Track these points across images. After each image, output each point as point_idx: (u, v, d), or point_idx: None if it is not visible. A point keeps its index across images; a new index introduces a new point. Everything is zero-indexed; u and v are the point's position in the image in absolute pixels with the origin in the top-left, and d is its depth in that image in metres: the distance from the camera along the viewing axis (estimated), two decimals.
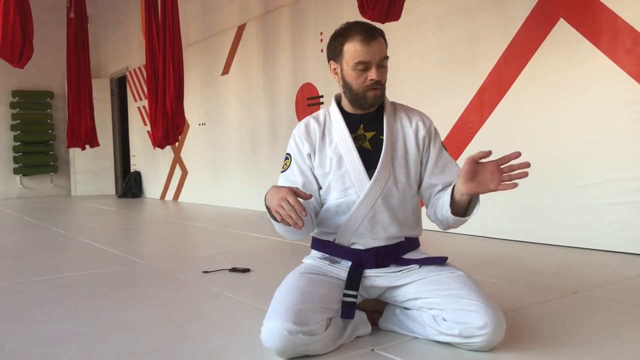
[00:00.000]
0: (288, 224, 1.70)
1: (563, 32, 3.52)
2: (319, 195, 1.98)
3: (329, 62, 1.98)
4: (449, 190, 1.86)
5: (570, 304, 2.31)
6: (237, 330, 2.05)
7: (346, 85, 1.93)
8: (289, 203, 1.67)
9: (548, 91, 3.64)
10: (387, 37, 1.94)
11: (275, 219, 1.78)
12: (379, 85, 1.89)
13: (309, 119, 2.03)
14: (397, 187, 1.92)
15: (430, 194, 1.98)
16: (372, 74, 1.86)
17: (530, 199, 3.77)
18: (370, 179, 1.88)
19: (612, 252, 3.31)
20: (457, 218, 1.85)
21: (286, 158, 2.01)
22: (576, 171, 3.50)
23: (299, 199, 1.71)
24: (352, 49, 1.86)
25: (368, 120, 1.97)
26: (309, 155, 1.96)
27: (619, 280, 2.69)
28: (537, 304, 2.29)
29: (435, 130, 2.02)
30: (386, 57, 1.90)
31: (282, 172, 2.01)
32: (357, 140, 1.94)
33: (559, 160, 3.59)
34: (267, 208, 1.79)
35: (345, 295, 1.84)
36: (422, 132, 1.97)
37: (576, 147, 3.50)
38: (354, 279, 1.87)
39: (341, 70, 1.93)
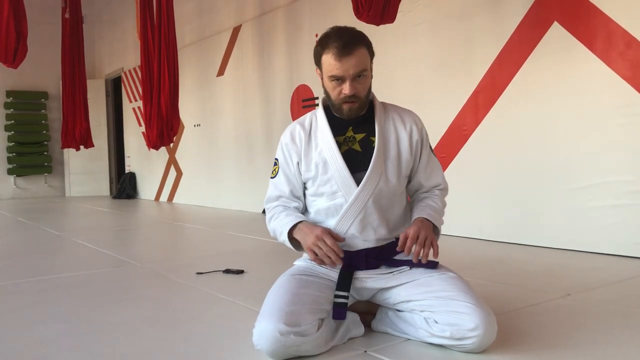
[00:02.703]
0: (323, 263, 1.82)
1: (557, 35, 3.53)
2: (304, 199, 2.03)
3: (315, 65, 1.98)
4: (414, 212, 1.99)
5: (563, 306, 2.31)
6: (230, 332, 2.05)
7: (326, 93, 1.96)
8: (326, 244, 1.80)
9: (542, 94, 3.65)
10: (381, 38, 1.95)
11: (296, 248, 1.92)
12: (355, 99, 1.88)
13: (295, 125, 2.04)
14: (388, 187, 1.93)
15: (416, 191, 2.08)
16: (346, 89, 1.85)
17: (523, 202, 3.78)
18: (355, 181, 1.88)
19: (605, 255, 3.32)
20: None
21: (275, 164, 2.04)
22: (569, 174, 3.51)
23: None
24: (327, 62, 1.86)
25: (357, 122, 1.96)
26: (298, 163, 1.97)
27: (612, 283, 2.70)
28: (529, 306, 2.29)
29: (426, 133, 2.04)
30: (365, 69, 1.86)
31: (271, 177, 2.05)
32: (346, 142, 1.94)
33: (553, 162, 3.60)
34: (291, 239, 1.91)
35: (336, 296, 1.85)
36: (416, 136, 1.98)
37: (570, 150, 3.51)
38: (344, 280, 1.88)
39: (322, 78, 1.94)
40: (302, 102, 5.76)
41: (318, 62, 1.92)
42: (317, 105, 5.51)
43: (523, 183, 3.79)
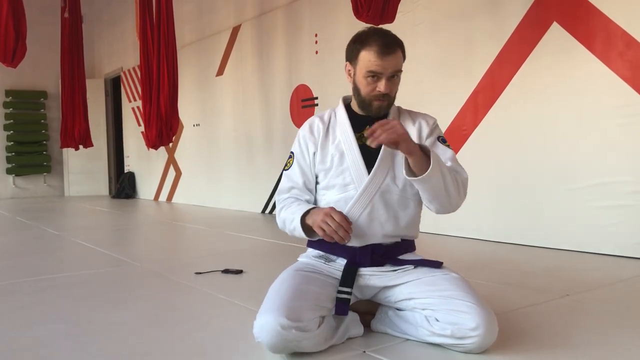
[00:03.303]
0: (332, 239, 1.78)
1: (556, 35, 3.53)
2: (315, 192, 2.03)
3: (345, 61, 2.00)
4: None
5: (562, 306, 2.31)
6: (228, 332, 2.05)
7: (356, 89, 1.98)
8: (335, 220, 1.77)
9: (541, 94, 3.65)
10: None
11: (308, 234, 1.88)
12: (386, 97, 1.93)
13: (314, 119, 2.08)
14: (397, 183, 1.93)
15: None
16: (381, 86, 1.89)
17: (523, 202, 3.78)
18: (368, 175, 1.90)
19: (604, 255, 3.32)
20: (410, 178, 1.81)
21: (290, 156, 2.08)
22: (569, 174, 3.51)
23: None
24: (367, 58, 1.89)
25: (374, 121, 1.97)
26: (314, 153, 2.00)
27: (611, 283, 2.70)
28: (529, 307, 2.29)
29: (437, 126, 2.05)
30: (400, 70, 1.92)
31: (285, 169, 2.07)
32: (360, 138, 1.97)
33: (552, 163, 3.60)
34: (303, 225, 1.87)
35: (339, 292, 1.85)
36: (425, 131, 2.00)
37: (569, 151, 3.52)
38: (348, 276, 1.88)
39: (354, 74, 1.96)
40: (301, 102, 5.75)
41: (354, 58, 1.94)
42: (317, 105, 5.53)
43: (522, 183, 3.79)
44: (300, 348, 1.69)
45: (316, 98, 5.54)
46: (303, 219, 1.88)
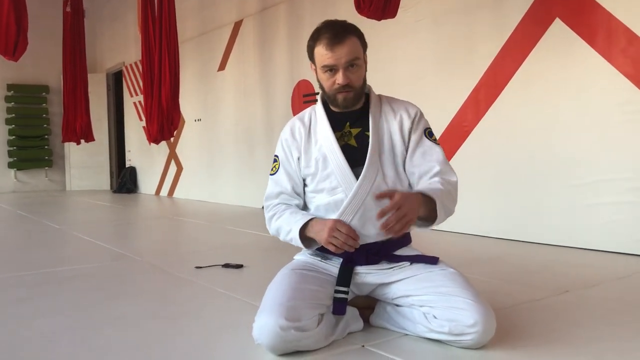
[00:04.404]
0: (341, 251, 1.82)
1: (559, 31, 3.52)
2: (304, 194, 2.01)
3: (309, 61, 1.98)
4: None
5: (561, 303, 2.31)
6: (229, 326, 2.05)
7: (321, 87, 1.96)
8: (342, 232, 1.80)
9: (543, 90, 3.64)
10: (382, 34, 1.94)
11: (306, 245, 1.91)
12: (349, 88, 1.88)
13: (294, 121, 2.05)
14: (387, 182, 1.91)
15: (412, 181, 1.96)
16: (339, 78, 1.86)
17: (523, 198, 3.78)
18: (355, 176, 1.87)
19: (604, 252, 3.32)
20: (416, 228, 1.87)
21: (274, 160, 2.05)
22: (570, 171, 3.51)
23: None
24: (320, 53, 1.87)
25: (354, 118, 1.96)
26: (299, 158, 1.97)
27: (610, 280, 2.70)
28: (528, 303, 2.29)
29: (420, 117, 1.98)
30: (357, 58, 1.87)
31: (271, 174, 2.04)
32: (342, 137, 1.94)
33: (553, 159, 3.60)
34: (302, 237, 1.88)
35: (336, 291, 1.85)
36: (406, 123, 1.95)
37: (570, 147, 3.51)
38: (344, 276, 1.88)
39: (316, 71, 1.94)
40: (302, 98, 5.75)
41: (311, 56, 1.93)
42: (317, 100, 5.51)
43: (523, 179, 3.78)
44: (301, 347, 1.69)
45: (317, 94, 5.52)
46: (302, 230, 1.88)
